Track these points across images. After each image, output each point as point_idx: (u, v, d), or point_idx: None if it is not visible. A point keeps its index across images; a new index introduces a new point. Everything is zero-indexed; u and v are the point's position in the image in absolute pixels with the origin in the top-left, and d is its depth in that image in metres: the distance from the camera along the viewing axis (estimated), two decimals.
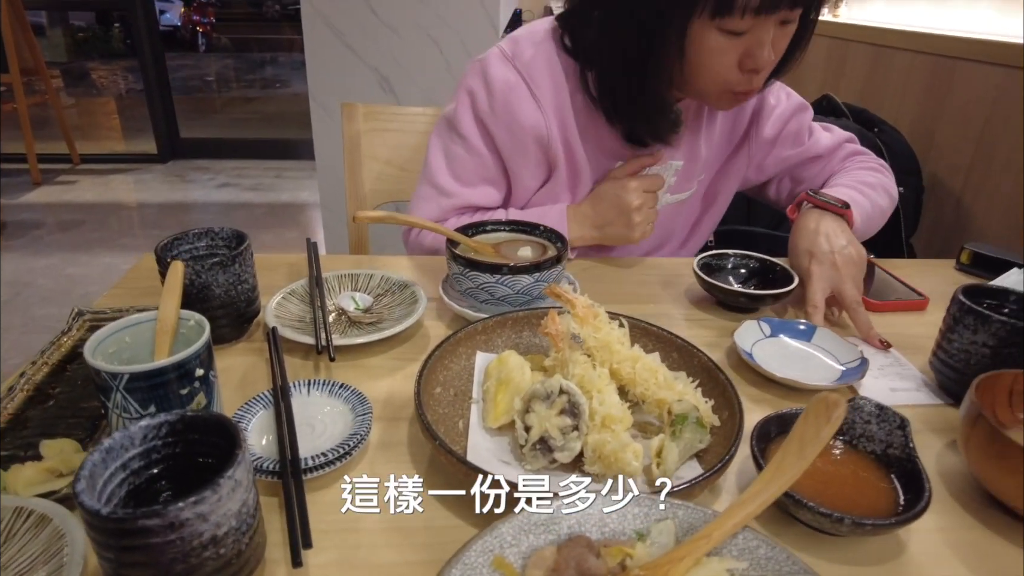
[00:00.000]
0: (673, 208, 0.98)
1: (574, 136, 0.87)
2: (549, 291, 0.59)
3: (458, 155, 0.88)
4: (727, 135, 0.98)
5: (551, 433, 0.50)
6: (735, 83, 0.77)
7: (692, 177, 0.96)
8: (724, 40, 0.73)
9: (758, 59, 0.74)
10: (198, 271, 0.62)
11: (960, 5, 1.62)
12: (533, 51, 0.84)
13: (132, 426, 0.40)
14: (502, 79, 0.84)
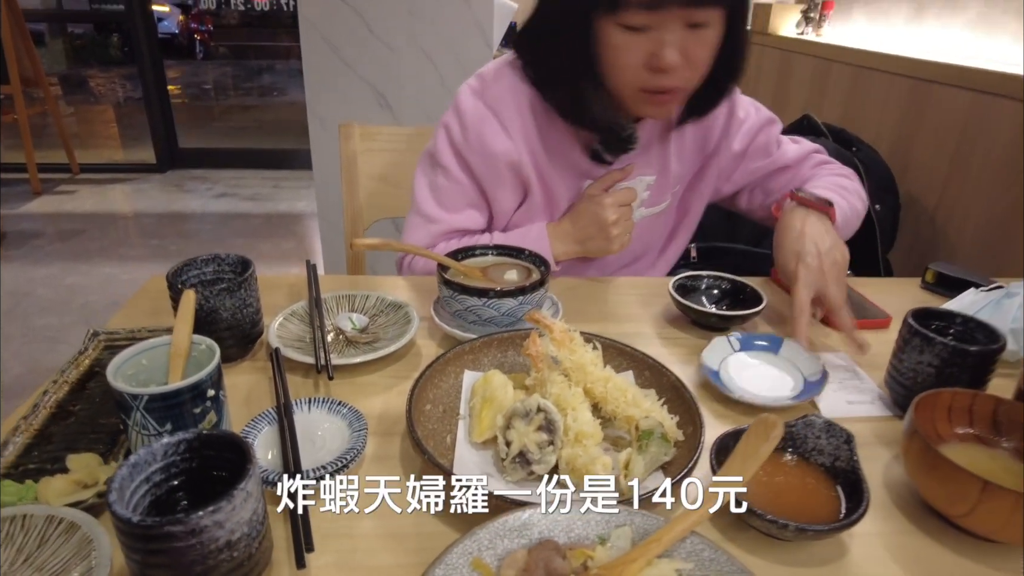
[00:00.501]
0: (649, 221, 1.03)
1: (544, 160, 0.93)
2: (529, 317, 0.65)
3: (441, 185, 0.95)
4: (698, 149, 1.03)
5: (529, 448, 0.55)
6: (644, 82, 0.81)
7: (666, 190, 1.01)
8: (626, 37, 0.78)
9: (661, 58, 0.77)
10: (207, 296, 0.68)
11: (935, 26, 1.69)
12: (498, 85, 0.91)
13: (155, 444, 0.46)
14: (473, 112, 0.91)
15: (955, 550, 0.52)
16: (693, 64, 0.80)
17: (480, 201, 0.96)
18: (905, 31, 1.79)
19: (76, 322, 2.49)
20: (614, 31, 0.78)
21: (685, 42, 0.78)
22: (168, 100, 4.27)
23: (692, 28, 0.77)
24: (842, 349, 0.82)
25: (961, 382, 0.64)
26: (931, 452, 0.52)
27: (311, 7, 2.22)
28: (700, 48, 0.80)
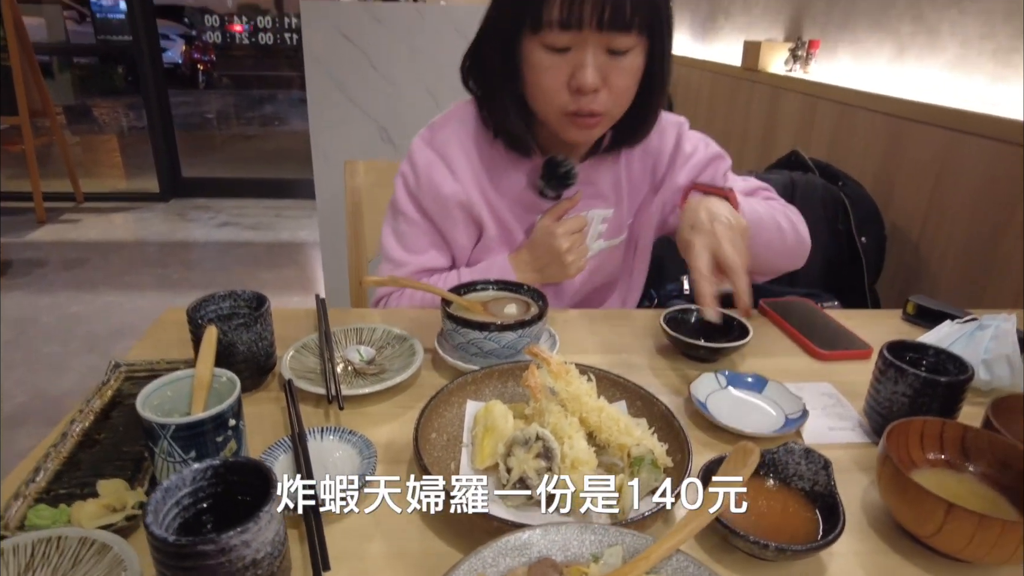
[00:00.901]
0: (608, 253, 1.07)
1: (494, 197, 0.98)
2: (528, 350, 0.69)
3: (403, 230, 1.01)
4: (645, 181, 1.06)
5: (528, 474, 0.59)
6: (567, 104, 0.85)
7: (621, 223, 1.05)
8: (548, 57, 0.83)
9: (579, 78, 0.81)
10: (225, 331, 0.72)
11: (916, 66, 1.76)
12: (445, 131, 0.98)
13: (184, 470, 0.49)
14: (423, 159, 0.97)
15: (925, 568, 0.56)
16: (614, 89, 0.85)
17: (440, 242, 1.02)
18: (887, 70, 1.86)
19: (79, 350, 2.53)
20: (538, 52, 0.83)
21: (606, 67, 0.82)
22: (172, 130, 4.35)
23: (613, 54, 0.82)
24: (826, 380, 0.86)
25: (933, 411, 0.68)
26: (901, 476, 0.56)
27: (316, 44, 2.30)
28: (620, 74, 0.84)
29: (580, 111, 0.85)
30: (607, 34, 0.80)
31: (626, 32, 0.81)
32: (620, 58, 0.83)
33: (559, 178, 0.93)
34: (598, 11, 0.78)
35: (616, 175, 1.03)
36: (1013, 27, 1.43)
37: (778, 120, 2.31)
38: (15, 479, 0.61)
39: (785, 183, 1.63)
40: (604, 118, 0.88)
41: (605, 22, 0.79)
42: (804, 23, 2.33)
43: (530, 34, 0.83)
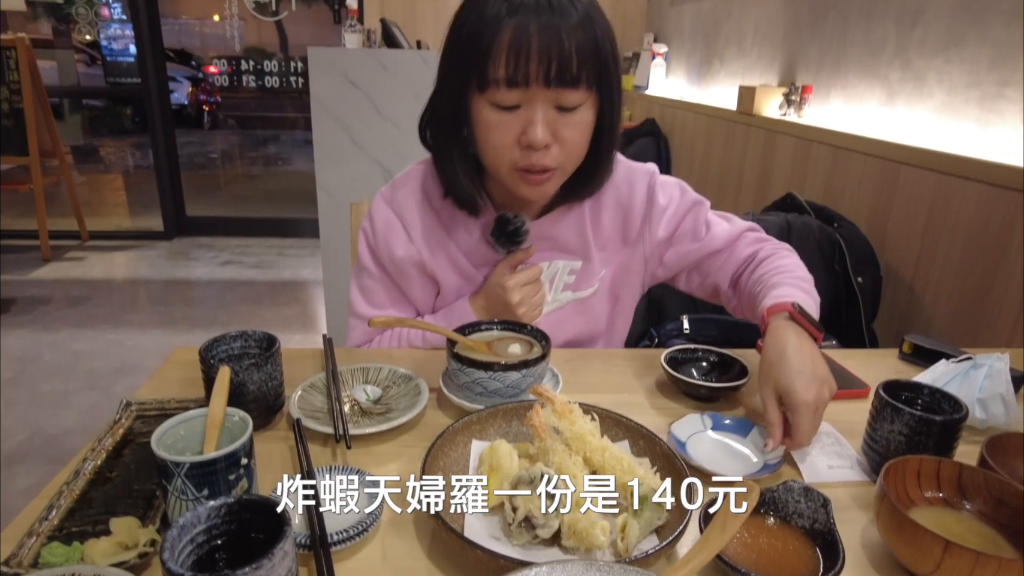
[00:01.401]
0: (581, 306, 1.05)
1: (453, 251, 1.00)
2: (533, 390, 0.71)
3: (367, 286, 1.03)
4: (619, 236, 1.05)
5: (534, 513, 0.60)
6: (517, 160, 0.85)
7: (592, 276, 1.04)
8: (497, 115, 0.83)
9: (529, 135, 0.82)
10: (236, 370, 0.74)
11: (905, 110, 1.82)
12: (404, 190, 1.00)
13: (199, 508, 0.51)
14: (381, 219, 1.00)
15: None
16: (565, 145, 0.85)
17: (400, 297, 1.04)
18: (878, 113, 1.92)
19: (81, 388, 2.53)
20: (487, 110, 0.84)
21: (556, 123, 0.83)
22: (178, 170, 4.43)
23: (561, 110, 0.83)
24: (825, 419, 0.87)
25: (929, 449, 0.69)
26: (899, 514, 0.57)
27: (322, 88, 2.37)
28: (571, 129, 0.85)
29: (531, 167, 0.85)
30: (555, 90, 0.81)
31: (574, 88, 0.81)
32: (570, 113, 0.84)
33: (508, 235, 0.94)
34: (544, 68, 0.79)
35: (581, 228, 1.02)
36: (998, 75, 1.48)
37: (773, 163, 2.36)
38: (28, 516, 0.62)
39: (781, 225, 1.67)
40: (556, 173, 0.88)
41: (552, 79, 0.80)
42: (797, 69, 2.40)
43: (478, 93, 0.83)
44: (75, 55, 5.32)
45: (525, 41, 0.78)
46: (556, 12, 0.79)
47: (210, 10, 4.76)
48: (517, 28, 0.78)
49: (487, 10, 0.80)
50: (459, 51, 0.84)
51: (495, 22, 0.79)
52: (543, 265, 1.02)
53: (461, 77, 0.84)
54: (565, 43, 0.79)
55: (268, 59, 4.49)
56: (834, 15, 2.16)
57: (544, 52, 0.78)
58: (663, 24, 3.93)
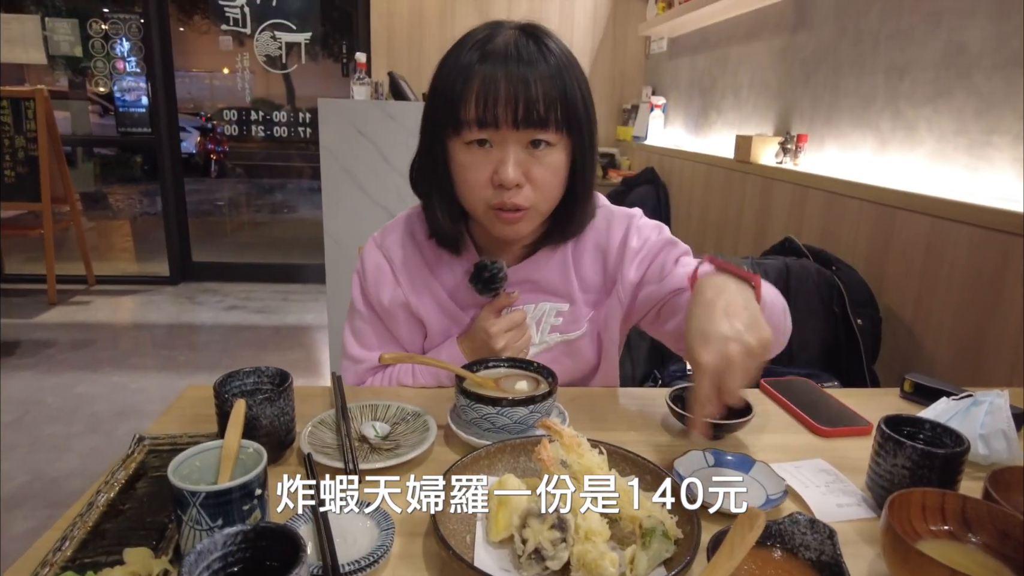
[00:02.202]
0: (566, 347, 1.06)
1: (439, 294, 1.03)
2: (541, 424, 0.72)
3: (359, 328, 1.06)
4: (600, 280, 1.06)
5: (543, 544, 0.61)
6: (491, 199, 0.89)
7: (579, 318, 1.05)
8: (471, 155, 0.88)
9: (501, 174, 0.86)
10: (250, 405, 0.75)
11: (897, 157, 1.87)
12: (393, 236, 1.04)
13: (216, 535, 0.52)
14: (372, 263, 1.04)
15: None
16: (537, 184, 0.89)
17: (390, 339, 1.07)
18: (872, 160, 1.98)
19: (83, 431, 2.52)
20: (462, 151, 0.89)
21: (527, 163, 0.87)
22: (186, 216, 4.51)
23: (534, 149, 0.87)
24: (828, 456, 0.88)
25: (932, 482, 0.70)
26: (904, 545, 0.58)
27: (331, 137, 2.44)
28: (542, 170, 0.88)
29: (503, 205, 0.89)
30: (524, 131, 0.85)
31: (543, 128, 0.85)
32: (541, 152, 0.87)
33: (484, 281, 0.96)
34: (512, 109, 0.84)
35: (565, 270, 1.04)
36: (984, 124, 1.54)
37: (771, 209, 2.41)
38: (41, 548, 0.62)
39: (780, 268, 1.70)
40: (530, 212, 0.91)
41: (520, 120, 0.84)
42: (792, 119, 2.48)
43: (453, 135, 0.88)
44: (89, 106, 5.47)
45: (494, 85, 0.84)
46: (524, 61, 0.85)
47: (221, 64, 4.91)
48: (487, 74, 0.84)
49: (460, 59, 0.87)
50: (436, 98, 0.90)
51: (467, 69, 0.85)
52: (529, 308, 1.04)
53: (439, 122, 0.89)
54: (532, 88, 0.84)
55: (276, 110, 4.62)
56: (825, 69, 2.24)
57: (511, 96, 0.84)
58: (660, 77, 4.05)
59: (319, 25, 4.54)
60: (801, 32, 2.42)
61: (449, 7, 4.10)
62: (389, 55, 4.12)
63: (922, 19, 1.76)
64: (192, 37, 5.32)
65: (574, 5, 4.17)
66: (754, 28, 2.80)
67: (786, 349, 1.67)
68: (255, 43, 4.37)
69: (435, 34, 4.13)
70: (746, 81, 2.87)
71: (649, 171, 3.65)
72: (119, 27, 4.28)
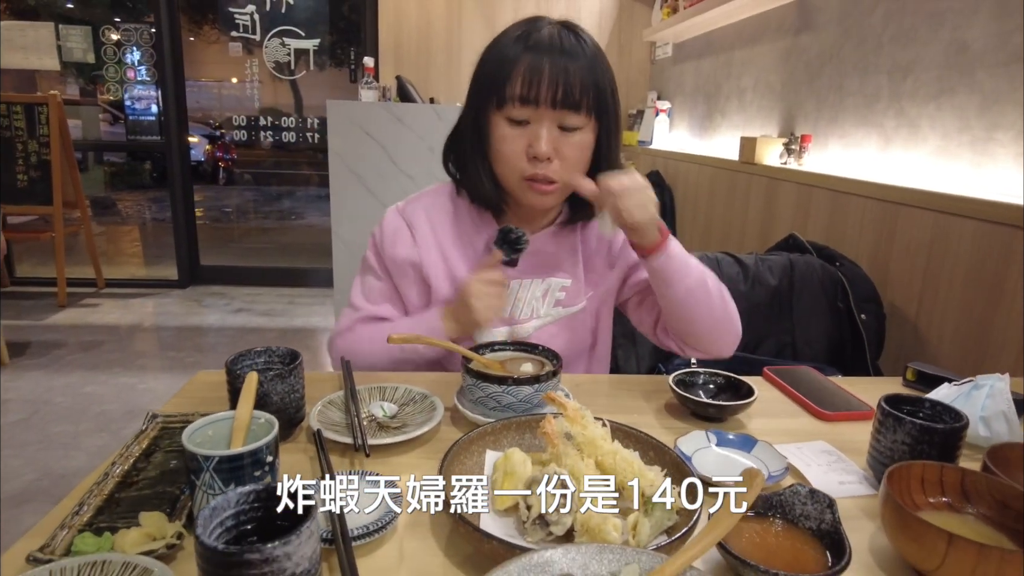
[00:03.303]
0: (566, 321, 1.12)
1: (457, 263, 1.08)
2: (547, 397, 0.73)
3: (368, 282, 1.13)
4: (604, 259, 1.14)
5: (548, 510, 0.62)
6: (524, 170, 0.98)
7: (580, 292, 1.12)
8: (510, 129, 0.97)
9: (535, 147, 0.96)
10: (261, 381, 0.77)
11: (901, 154, 1.88)
12: (417, 204, 1.12)
13: (230, 492, 0.53)
14: (391, 226, 1.10)
15: None
16: (565, 160, 0.98)
17: (395, 297, 1.12)
18: (876, 158, 1.99)
19: (91, 430, 2.54)
20: (502, 124, 0.98)
21: (558, 140, 0.97)
22: (194, 221, 4.55)
23: (564, 130, 0.96)
24: (830, 438, 0.89)
25: (932, 458, 0.71)
26: (903, 512, 0.59)
27: (339, 139, 2.47)
28: (570, 148, 0.98)
29: (536, 176, 0.98)
30: (559, 111, 0.95)
31: (575, 111, 0.95)
32: (571, 134, 0.97)
33: (511, 243, 1.03)
34: (552, 91, 0.93)
35: (573, 247, 1.12)
36: (987, 120, 1.55)
37: (776, 208, 2.42)
38: (59, 514, 0.64)
39: (784, 264, 1.71)
40: (558, 186, 1.00)
41: (558, 101, 0.94)
42: (796, 120, 2.49)
43: (496, 110, 0.98)
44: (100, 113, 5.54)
45: (538, 68, 0.94)
46: (565, 51, 0.95)
47: (230, 72, 4.97)
48: (533, 59, 0.95)
49: (509, 48, 0.97)
50: (483, 78, 1.00)
51: (515, 55, 0.96)
52: (537, 282, 1.10)
53: (484, 98, 0.99)
54: (571, 73, 0.94)
55: (284, 117, 4.67)
56: (829, 70, 2.26)
57: (553, 78, 0.94)
58: (665, 83, 4.08)
59: (327, 32, 4.60)
60: (805, 34, 2.44)
61: (456, 15, 4.15)
62: (396, 62, 4.16)
63: (925, 19, 1.78)
64: (202, 46, 5.38)
65: (580, 12, 4.20)
66: (758, 32, 2.83)
67: (790, 344, 1.69)
68: (264, 50, 4.42)
69: (442, 42, 4.17)
70: (750, 84, 2.89)
71: (654, 174, 3.67)
72: (131, 35, 4.34)
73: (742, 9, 2.79)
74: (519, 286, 1.09)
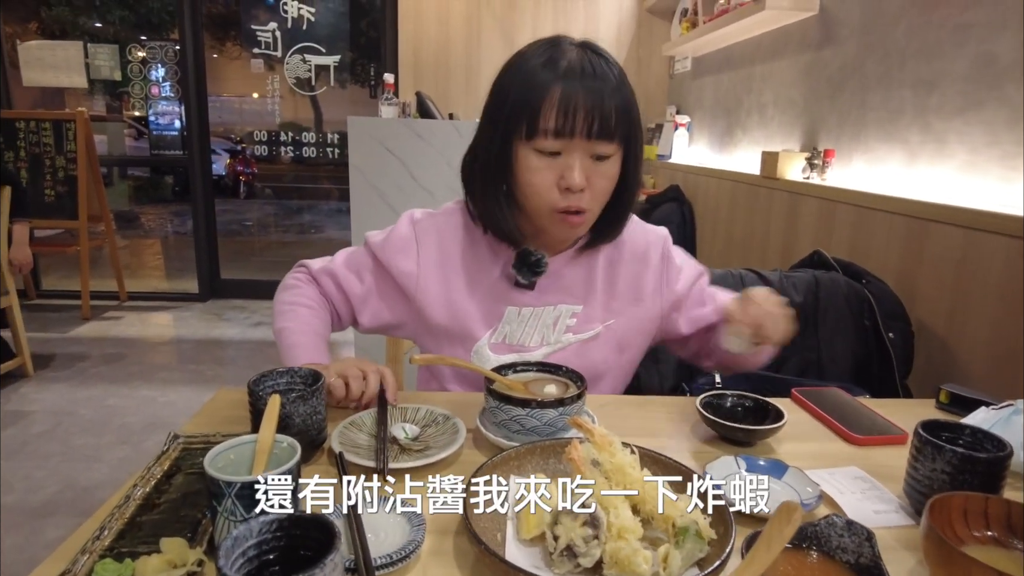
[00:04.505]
0: (579, 347, 1.08)
1: (457, 290, 1.06)
2: (572, 421, 0.72)
3: (355, 255, 1.12)
4: (632, 290, 1.11)
5: (576, 542, 0.60)
6: (556, 202, 0.95)
7: (592, 319, 1.08)
8: (540, 160, 0.93)
9: (567, 178, 0.92)
10: (283, 403, 0.76)
11: (927, 169, 1.84)
12: (431, 221, 1.09)
13: (252, 522, 0.52)
14: (401, 234, 1.08)
15: None
16: (595, 190, 0.95)
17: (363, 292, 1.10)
18: (901, 173, 1.95)
19: (113, 442, 2.56)
20: (531, 156, 0.94)
21: (589, 170, 0.94)
22: (215, 235, 4.60)
23: (596, 160, 0.94)
24: (862, 464, 0.86)
25: (974, 488, 0.68)
26: (947, 547, 0.56)
27: (360, 156, 2.49)
28: (601, 177, 0.95)
29: (569, 208, 0.95)
30: (592, 142, 0.92)
31: (608, 141, 0.93)
32: (602, 163, 0.94)
33: (530, 266, 1.01)
34: (588, 123, 0.90)
35: (589, 273, 1.09)
36: (1016, 134, 1.51)
37: (798, 223, 2.39)
38: (79, 538, 0.64)
39: (809, 281, 1.68)
40: (587, 215, 0.98)
41: (593, 132, 0.91)
42: (818, 134, 2.46)
43: (525, 141, 0.93)
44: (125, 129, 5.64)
45: (573, 99, 0.90)
46: (598, 77, 0.92)
47: (252, 88, 5.04)
48: (566, 89, 0.90)
49: (536, 76, 0.92)
50: (509, 106, 0.94)
51: (545, 83, 0.91)
52: (548, 309, 1.07)
53: (510, 128, 0.94)
54: (604, 104, 0.91)
55: (304, 132, 4.72)
56: (852, 85, 2.23)
57: (587, 110, 0.90)
58: (684, 97, 4.07)
59: (348, 49, 4.65)
60: (827, 49, 2.41)
61: (475, 32, 4.18)
62: (416, 77, 4.20)
63: (950, 32, 1.75)
64: (225, 63, 5.47)
65: (598, 27, 4.21)
66: (778, 46, 2.80)
67: (816, 363, 1.65)
68: (285, 66, 4.48)
69: (461, 58, 4.20)
70: (771, 99, 2.86)
71: (674, 188, 3.65)
72: (156, 53, 4.42)
73: (761, 24, 2.77)
74: (530, 313, 1.06)
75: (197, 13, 4.29)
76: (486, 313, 1.06)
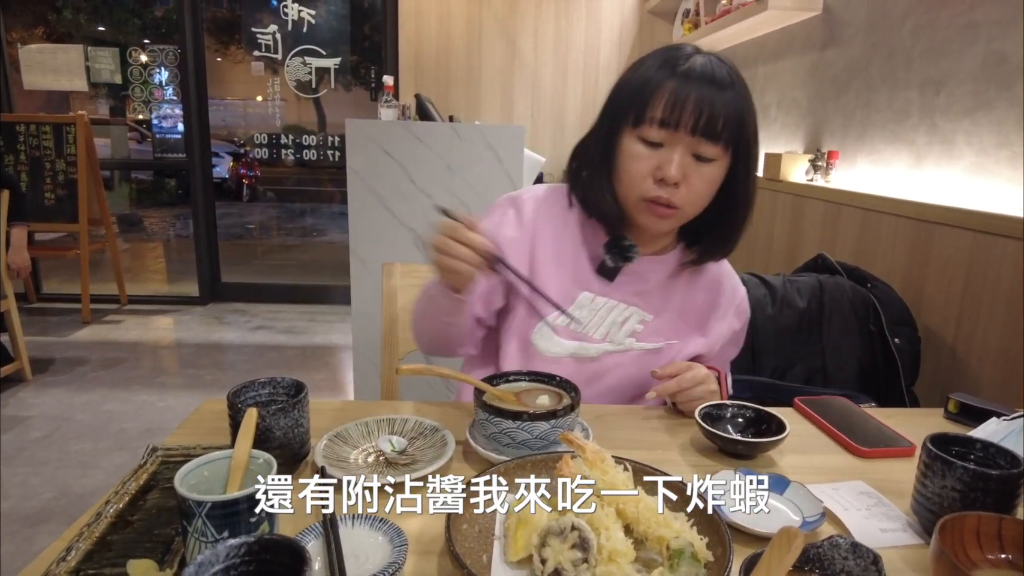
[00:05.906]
0: (638, 356, 1.07)
1: (544, 259, 1.04)
2: (563, 437, 0.69)
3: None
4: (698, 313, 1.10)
5: (564, 565, 0.57)
6: (648, 191, 0.94)
7: (658, 333, 1.07)
8: (641, 148, 0.94)
9: (665, 170, 0.92)
10: (263, 415, 0.73)
11: (934, 171, 1.81)
12: (530, 194, 1.09)
13: (219, 546, 0.49)
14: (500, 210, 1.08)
15: None
16: (692, 189, 0.94)
17: None
18: (907, 175, 1.92)
19: (110, 448, 2.54)
20: (634, 142, 0.95)
21: (689, 168, 0.93)
22: (216, 239, 4.58)
23: (697, 159, 0.93)
24: (867, 478, 0.83)
25: (987, 507, 0.65)
26: (959, 572, 0.53)
27: (359, 160, 2.46)
28: (700, 178, 0.94)
29: (658, 199, 0.94)
30: (697, 139, 0.91)
31: (713, 142, 0.91)
32: (703, 164, 0.93)
33: (622, 249, 1.01)
34: (694, 117, 0.90)
35: (670, 287, 1.08)
36: None
37: (802, 226, 2.36)
38: (46, 558, 0.61)
39: (813, 286, 1.65)
40: (678, 212, 0.96)
41: (699, 128, 0.90)
42: (822, 137, 2.43)
43: (631, 128, 0.95)
44: (128, 132, 5.64)
45: (684, 94, 0.90)
46: (716, 81, 0.91)
47: (253, 91, 5.04)
48: (680, 84, 0.91)
49: (655, 72, 0.93)
50: (624, 95, 0.96)
51: (661, 78, 0.92)
52: (621, 306, 1.05)
53: (621, 115, 0.96)
54: (717, 104, 0.90)
55: (306, 135, 4.70)
56: (857, 85, 2.20)
57: (697, 105, 0.90)
58: None
59: (348, 52, 4.63)
60: (831, 49, 2.38)
61: (476, 34, 4.15)
62: (416, 80, 4.17)
63: (958, 32, 1.72)
64: (226, 66, 5.46)
65: (600, 27, 4.18)
66: (781, 47, 2.77)
67: (821, 370, 1.62)
68: (286, 69, 4.46)
69: (462, 60, 4.18)
70: (774, 100, 2.83)
71: None
72: (158, 56, 4.42)
73: (764, 24, 2.74)
74: (603, 304, 1.05)
75: (198, 16, 4.28)
76: (562, 291, 1.04)
